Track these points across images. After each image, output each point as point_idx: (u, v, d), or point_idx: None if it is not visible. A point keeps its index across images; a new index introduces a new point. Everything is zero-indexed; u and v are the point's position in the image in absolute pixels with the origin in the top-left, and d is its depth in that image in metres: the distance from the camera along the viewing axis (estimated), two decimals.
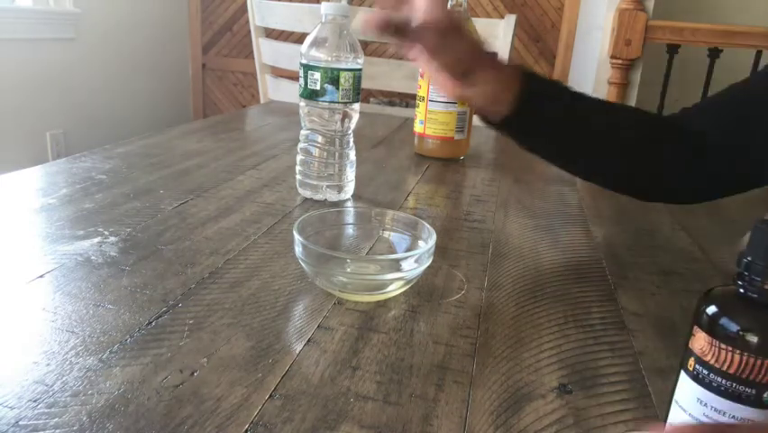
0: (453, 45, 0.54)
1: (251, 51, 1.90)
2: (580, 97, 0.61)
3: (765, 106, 0.59)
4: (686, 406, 0.28)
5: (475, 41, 0.56)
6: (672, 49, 2.32)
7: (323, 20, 0.64)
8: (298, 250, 0.47)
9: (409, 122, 1.24)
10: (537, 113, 0.59)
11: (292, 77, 1.95)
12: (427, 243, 0.48)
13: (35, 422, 0.31)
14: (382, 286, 0.47)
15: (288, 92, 1.78)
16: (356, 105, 0.67)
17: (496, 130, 0.61)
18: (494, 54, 0.59)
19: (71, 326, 0.40)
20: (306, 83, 0.65)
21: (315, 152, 0.68)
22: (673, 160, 0.62)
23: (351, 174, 0.71)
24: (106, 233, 0.57)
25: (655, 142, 0.62)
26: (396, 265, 0.47)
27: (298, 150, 0.70)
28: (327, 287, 0.48)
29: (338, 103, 0.65)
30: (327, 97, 0.65)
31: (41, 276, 0.47)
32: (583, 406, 0.36)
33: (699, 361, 0.27)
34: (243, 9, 3.16)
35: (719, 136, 0.61)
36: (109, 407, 0.33)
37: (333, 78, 0.64)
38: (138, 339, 0.39)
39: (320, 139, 0.68)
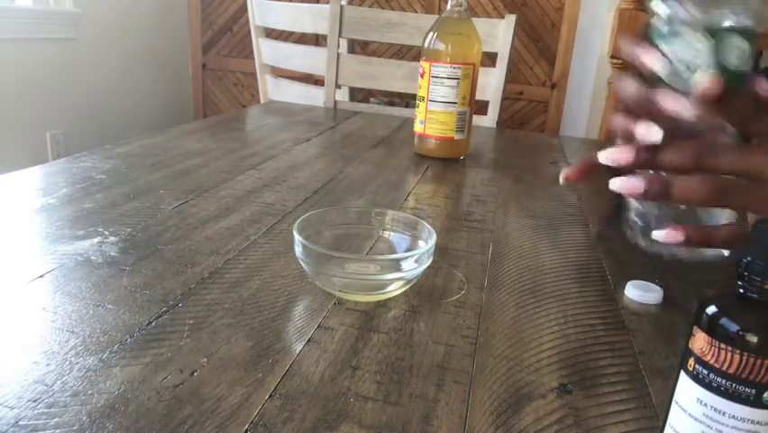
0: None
1: (251, 51, 1.90)
2: None
3: None
4: (686, 406, 0.28)
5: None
6: None
7: None
8: (298, 250, 0.47)
9: (409, 122, 1.24)
10: None
11: (292, 77, 1.95)
12: (427, 243, 0.48)
13: (35, 422, 0.31)
14: (382, 286, 0.47)
15: (288, 92, 1.78)
16: None
17: None
18: None
19: (71, 326, 0.40)
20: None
21: None
22: None
23: None
24: (106, 233, 0.57)
25: None
26: (396, 265, 0.47)
27: None
28: (327, 287, 0.48)
29: None
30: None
31: (41, 276, 0.47)
32: (583, 406, 0.36)
33: (699, 361, 0.27)
34: (243, 9, 3.16)
35: None
36: (109, 407, 0.33)
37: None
38: (138, 339, 0.39)
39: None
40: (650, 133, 0.38)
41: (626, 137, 0.41)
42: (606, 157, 0.39)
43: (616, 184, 0.39)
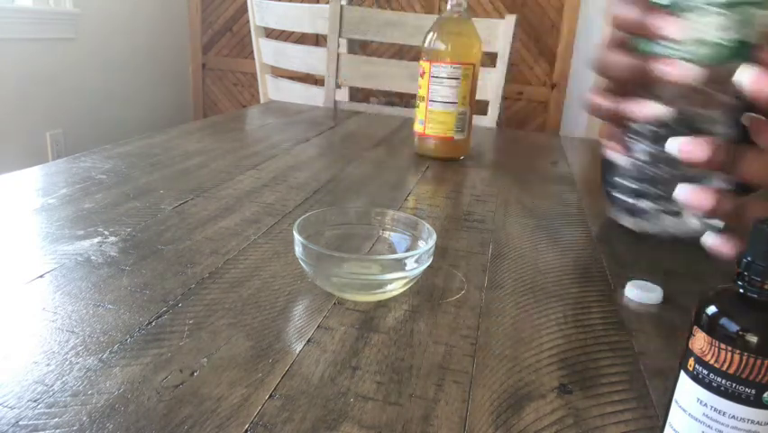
0: None
1: (251, 51, 1.90)
2: None
3: None
4: (686, 406, 0.28)
5: None
6: None
7: None
8: (298, 250, 0.47)
9: (409, 122, 1.24)
10: None
11: (292, 77, 1.95)
12: (427, 243, 0.48)
13: (35, 422, 0.31)
14: (382, 286, 0.47)
15: (288, 92, 1.78)
16: None
17: None
18: None
19: (71, 326, 0.40)
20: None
21: None
22: None
23: None
24: (106, 233, 0.57)
25: None
26: (396, 265, 0.47)
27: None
28: (327, 287, 0.48)
29: None
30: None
31: (41, 276, 0.47)
32: (583, 406, 0.36)
33: (699, 361, 0.27)
34: (243, 9, 3.16)
35: None
36: (109, 407, 0.33)
37: None
38: (138, 339, 0.39)
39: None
40: (644, 111, 0.34)
41: (614, 119, 0.36)
42: (677, 147, 0.32)
43: (682, 193, 0.33)
